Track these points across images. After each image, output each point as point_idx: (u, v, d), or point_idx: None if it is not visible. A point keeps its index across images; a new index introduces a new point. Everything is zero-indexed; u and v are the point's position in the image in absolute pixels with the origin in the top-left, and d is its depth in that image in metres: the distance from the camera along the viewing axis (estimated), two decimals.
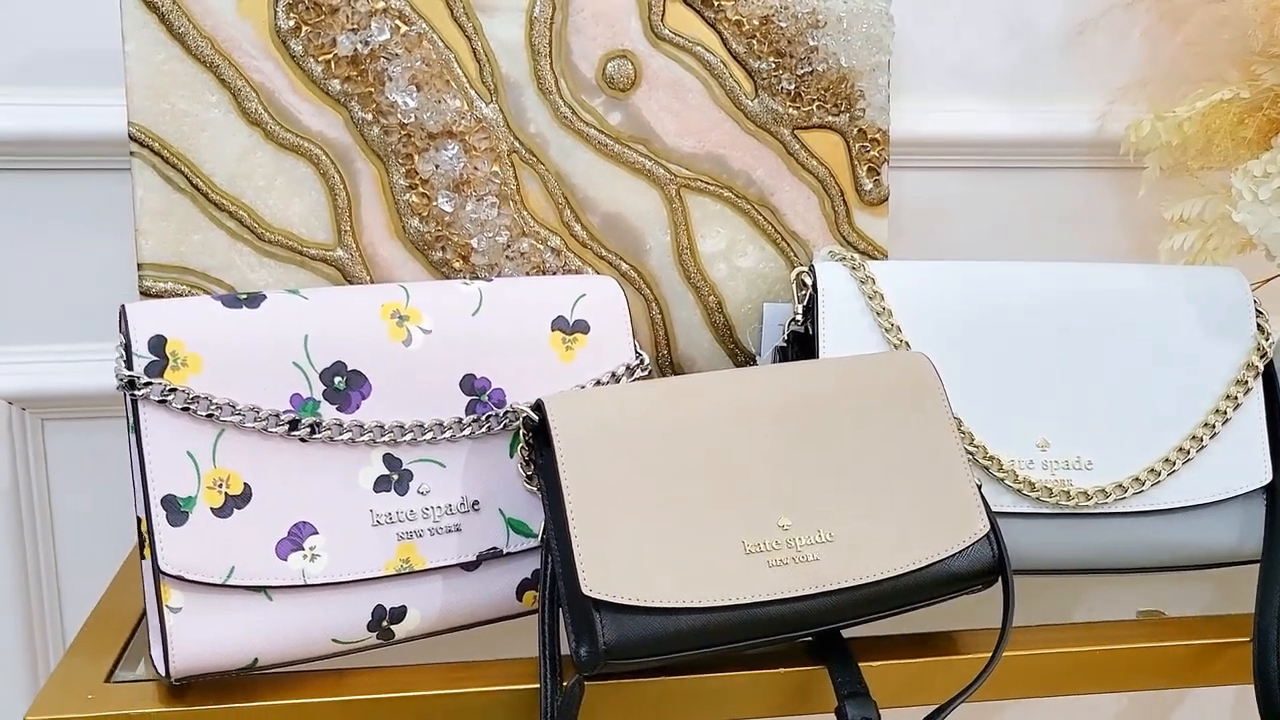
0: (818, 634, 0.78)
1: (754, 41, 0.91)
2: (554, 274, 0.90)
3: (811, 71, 0.92)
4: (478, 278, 0.86)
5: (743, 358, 0.95)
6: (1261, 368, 0.89)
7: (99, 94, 0.86)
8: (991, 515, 0.80)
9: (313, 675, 0.75)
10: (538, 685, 0.73)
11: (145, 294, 0.84)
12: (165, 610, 0.69)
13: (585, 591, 0.71)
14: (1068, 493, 0.85)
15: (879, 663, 0.78)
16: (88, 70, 0.86)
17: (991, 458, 0.86)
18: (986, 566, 0.78)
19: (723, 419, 0.77)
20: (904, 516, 0.77)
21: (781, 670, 0.76)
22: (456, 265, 0.89)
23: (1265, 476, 0.87)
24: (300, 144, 0.85)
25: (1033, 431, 0.87)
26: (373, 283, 0.87)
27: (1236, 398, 0.88)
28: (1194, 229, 0.97)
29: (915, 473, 0.78)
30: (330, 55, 0.84)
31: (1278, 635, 0.80)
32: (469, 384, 0.78)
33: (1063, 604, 0.90)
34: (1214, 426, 0.87)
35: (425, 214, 0.88)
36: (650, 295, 0.93)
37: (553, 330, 0.81)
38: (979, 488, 0.81)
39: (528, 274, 0.90)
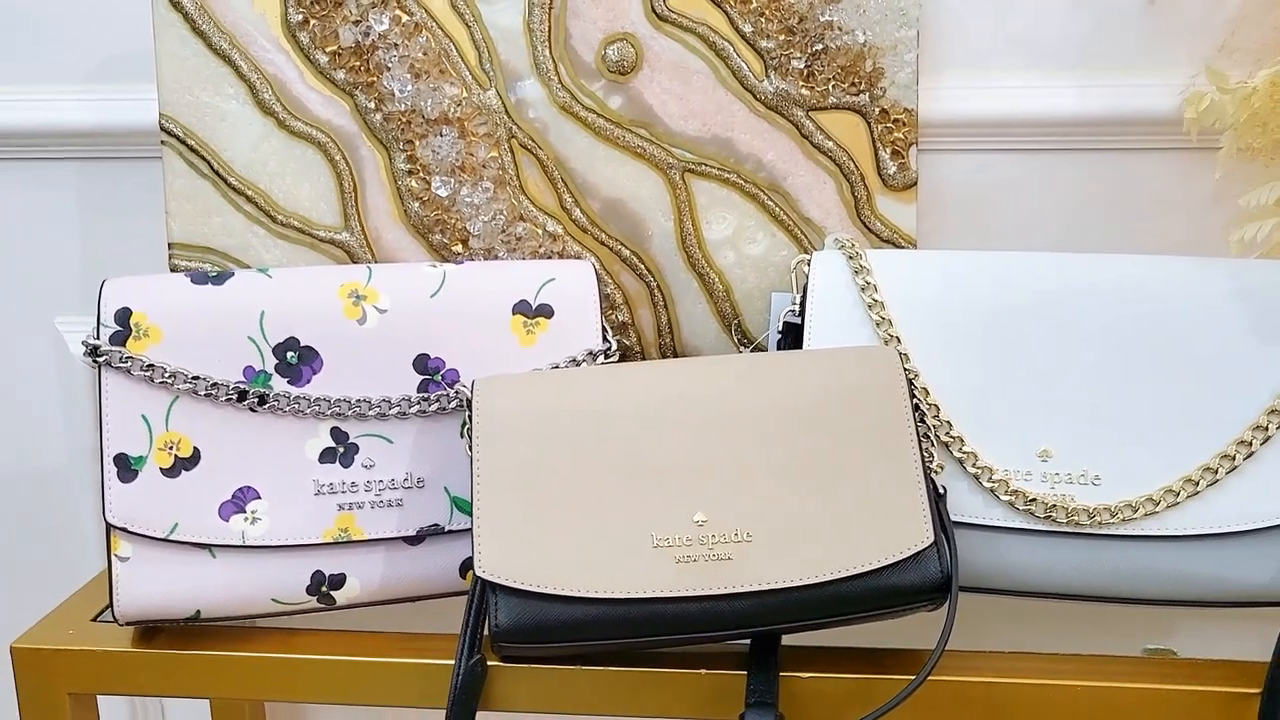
0: (756, 639, 0.75)
1: (762, 19, 0.88)
2: (549, 259, 0.91)
3: (825, 49, 0.88)
4: (435, 262, 0.89)
5: (752, 348, 0.92)
6: None
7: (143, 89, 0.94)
8: (945, 528, 0.73)
9: (265, 631, 0.80)
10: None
11: (175, 271, 0.91)
12: (114, 558, 0.76)
13: (479, 573, 0.71)
14: (1067, 509, 0.77)
15: (812, 675, 0.74)
16: (137, 68, 0.95)
17: (983, 467, 0.78)
18: (931, 584, 0.72)
19: (655, 409, 0.75)
20: (838, 522, 0.72)
21: (701, 672, 0.74)
22: (456, 249, 0.91)
23: None
24: (309, 132, 0.90)
25: (1035, 440, 0.79)
26: (376, 262, 0.91)
27: None
28: (1271, 218, 0.84)
29: (860, 476, 0.73)
30: (335, 46, 0.88)
31: None
32: (422, 363, 0.80)
33: (1063, 631, 0.81)
34: (1251, 444, 0.76)
35: (424, 198, 0.90)
36: (654, 282, 0.91)
37: (514, 314, 0.82)
38: (939, 497, 0.75)
39: (525, 259, 0.91)
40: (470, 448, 0.74)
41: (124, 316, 0.77)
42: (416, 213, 0.91)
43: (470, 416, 0.75)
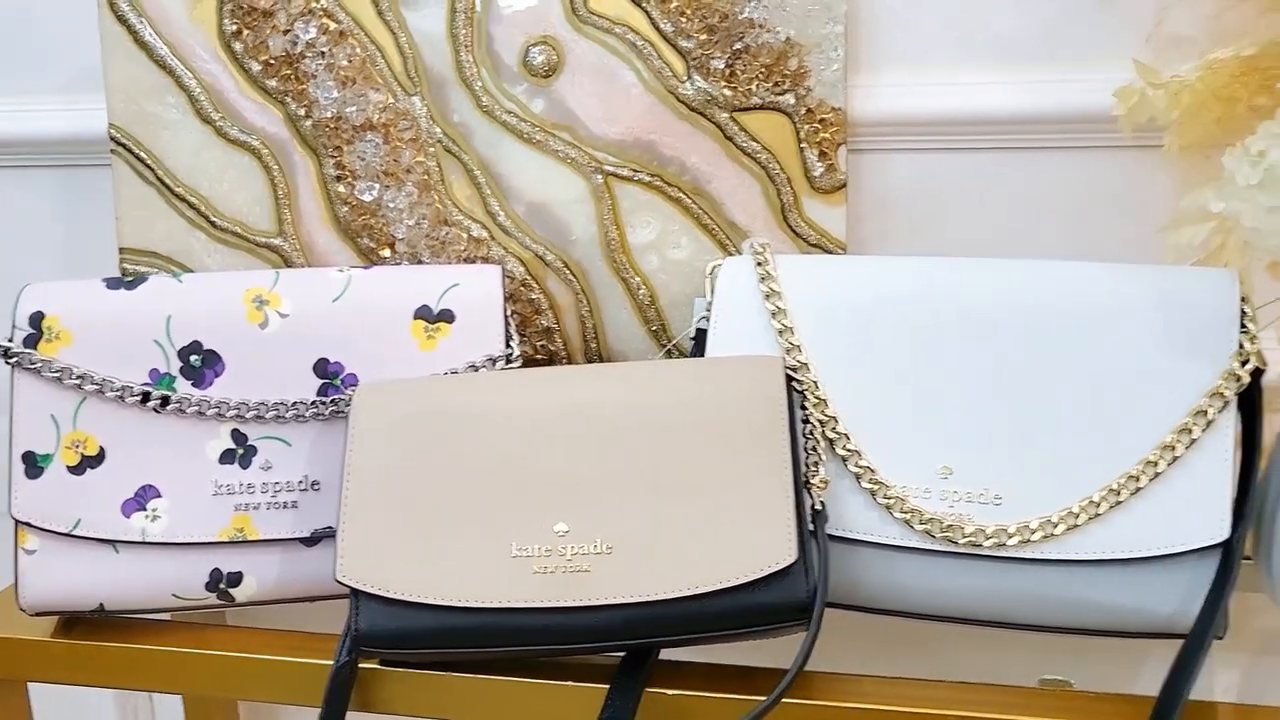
0: (628, 652, 0.73)
1: (683, 18, 0.86)
2: (475, 262, 0.91)
3: (747, 47, 0.85)
4: (366, 266, 0.89)
5: (678, 353, 0.90)
6: (1232, 397, 0.70)
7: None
8: (818, 545, 0.70)
9: (174, 625, 0.83)
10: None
11: (124, 274, 0.95)
12: (20, 551, 0.79)
13: (339, 577, 0.72)
14: (966, 530, 0.73)
15: (678, 692, 0.72)
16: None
17: (879, 482, 0.75)
18: (797, 602, 0.69)
19: (528, 417, 0.74)
20: (701, 536, 0.70)
21: (567, 684, 0.73)
22: (383, 252, 0.92)
23: (1220, 533, 0.69)
24: (245, 139, 0.92)
25: (935, 457, 0.75)
26: (309, 266, 0.93)
27: (1193, 432, 0.70)
28: (1208, 221, 0.78)
29: (729, 489, 0.71)
30: (266, 55, 0.90)
31: None
32: (322, 368, 0.81)
33: (954, 659, 0.77)
34: (1158, 465, 0.71)
35: (352, 203, 0.91)
36: (578, 286, 0.90)
37: (415, 318, 0.82)
38: (816, 513, 0.72)
39: (451, 262, 0.91)
40: (343, 452, 0.75)
41: (37, 319, 0.80)
42: (345, 217, 0.92)
43: (348, 421, 0.76)
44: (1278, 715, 0.69)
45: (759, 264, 0.82)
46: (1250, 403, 0.72)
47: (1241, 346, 0.71)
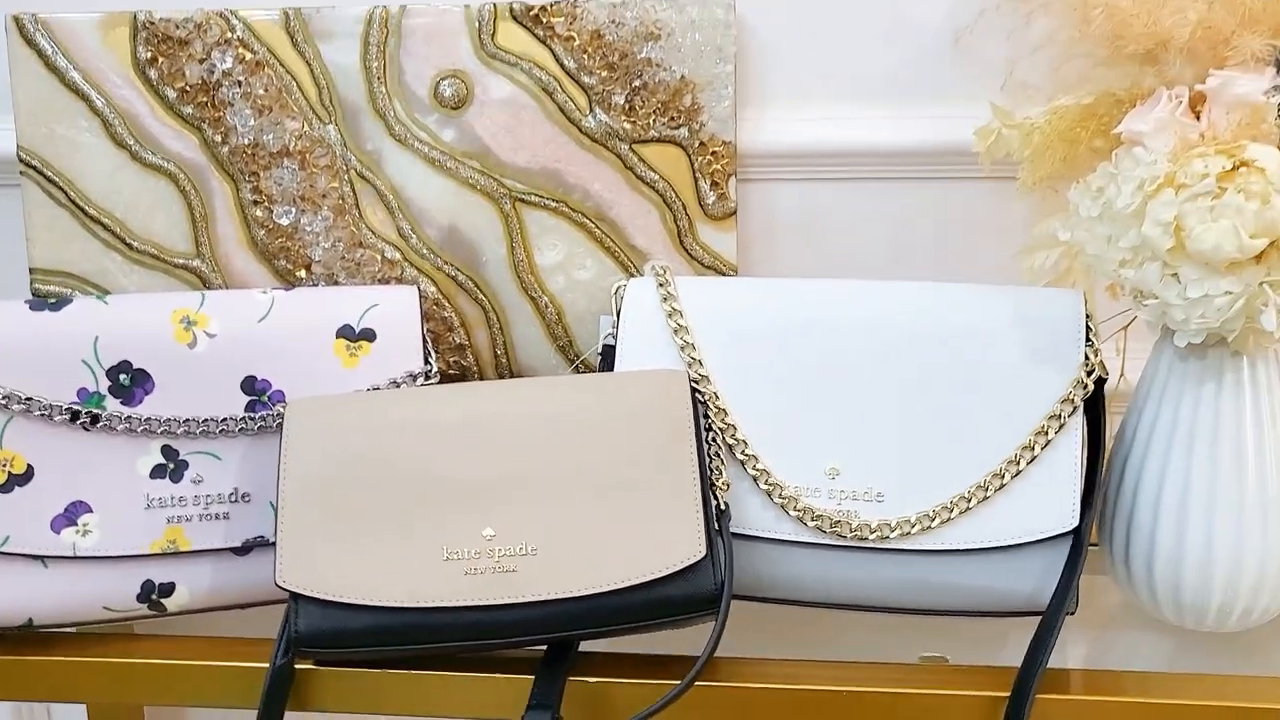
0: (550, 644, 0.80)
1: (585, 55, 0.92)
2: (389, 283, 0.96)
3: (645, 84, 0.92)
4: (286, 287, 0.94)
5: (585, 369, 0.96)
6: (1080, 403, 0.81)
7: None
8: (723, 542, 0.78)
9: (100, 636, 0.85)
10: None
11: (35, 294, 0.96)
12: None
13: (279, 582, 0.76)
14: (852, 525, 0.81)
15: (598, 679, 0.78)
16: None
17: (774, 484, 0.83)
18: (705, 595, 0.77)
19: (454, 429, 0.80)
20: (618, 536, 0.77)
21: (496, 676, 0.79)
22: (300, 274, 0.96)
23: (1070, 521, 0.79)
24: (161, 164, 0.95)
25: (823, 459, 0.83)
26: (227, 288, 0.96)
27: (1048, 433, 0.81)
28: (1057, 247, 0.88)
29: (642, 492, 0.78)
30: (183, 83, 0.93)
31: (1031, 692, 0.74)
32: (249, 385, 0.85)
33: (846, 641, 0.85)
34: (1019, 464, 0.81)
35: (269, 226, 0.95)
36: (488, 305, 0.96)
37: (337, 337, 0.87)
38: (720, 512, 0.80)
39: (366, 283, 0.96)
40: (278, 464, 0.79)
41: None
42: (262, 240, 0.96)
43: (281, 434, 0.80)
44: (1117, 678, 0.79)
45: (661, 285, 0.89)
46: (1094, 407, 0.82)
47: (1087, 359, 0.81)
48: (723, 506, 0.80)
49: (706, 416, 0.82)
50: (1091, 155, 0.84)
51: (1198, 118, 0.77)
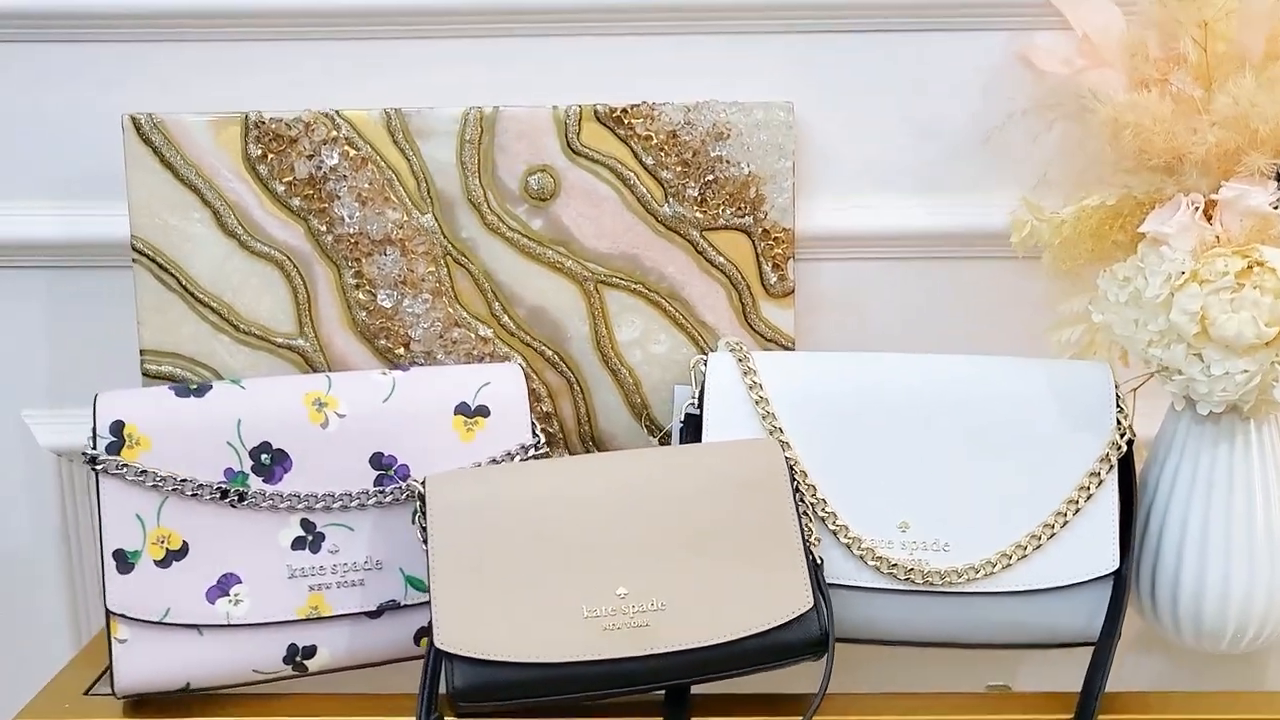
0: (670, 690, 0.89)
1: (662, 153, 1.03)
2: (482, 359, 1.04)
3: (715, 179, 1.03)
4: (400, 366, 1.02)
5: (656, 431, 1.07)
6: (1115, 461, 0.94)
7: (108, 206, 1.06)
8: (822, 593, 0.89)
9: (243, 697, 0.92)
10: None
11: (146, 374, 1.03)
12: (113, 640, 0.87)
13: (438, 644, 0.85)
14: (924, 572, 0.93)
15: (718, 718, 0.89)
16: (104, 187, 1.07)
17: (853, 537, 0.94)
18: (813, 639, 0.88)
19: (579, 499, 0.89)
20: (733, 590, 0.87)
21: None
22: (399, 351, 1.04)
23: (1112, 564, 0.93)
24: (268, 251, 1.02)
25: (895, 514, 0.95)
26: (329, 366, 1.04)
27: (1089, 489, 0.94)
28: (1081, 323, 1.02)
29: (749, 550, 0.89)
30: (290, 177, 1.01)
31: (1093, 713, 0.86)
32: (377, 460, 0.93)
33: (921, 675, 0.97)
34: (1066, 515, 0.94)
35: (370, 309, 1.03)
36: (572, 377, 1.06)
37: (455, 414, 0.95)
38: (816, 566, 0.91)
39: (460, 359, 1.04)
40: (425, 538, 0.87)
41: (118, 428, 0.89)
42: (363, 321, 1.03)
43: (424, 510, 0.88)
44: (1166, 698, 0.92)
45: (739, 360, 0.99)
46: (1125, 464, 0.95)
47: (1119, 422, 0.95)
48: (818, 561, 0.91)
49: (792, 479, 0.93)
50: (1115, 248, 0.98)
51: (1209, 221, 0.92)
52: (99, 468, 0.88)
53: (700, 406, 0.99)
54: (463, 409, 0.95)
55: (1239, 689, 1.00)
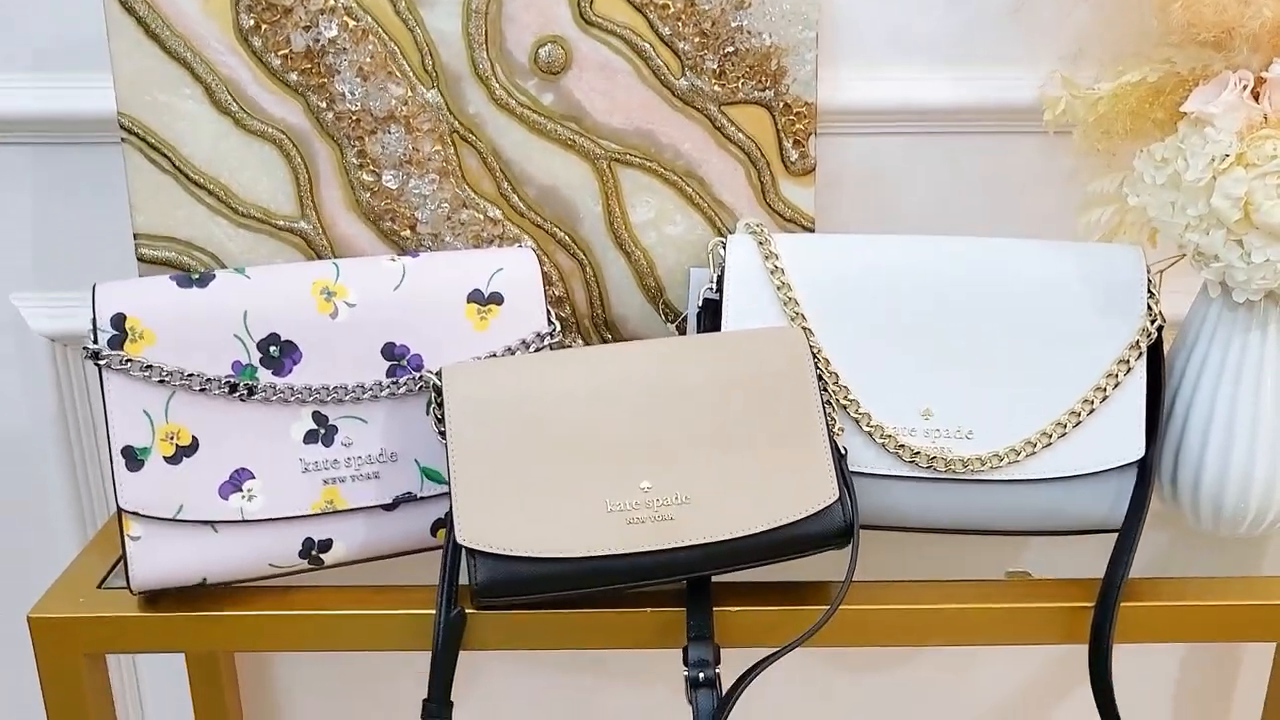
0: (691, 581, 0.89)
1: (679, 23, 0.97)
2: (491, 241, 1.01)
3: (735, 50, 0.98)
4: (408, 251, 0.98)
5: (672, 315, 1.04)
6: (1144, 349, 0.92)
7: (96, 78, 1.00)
8: (847, 483, 0.88)
9: (259, 590, 0.91)
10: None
11: (141, 259, 0.98)
12: (126, 538, 0.86)
13: (459, 540, 0.83)
14: (946, 460, 0.92)
15: (741, 608, 0.88)
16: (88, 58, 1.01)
17: (875, 425, 0.93)
18: (837, 530, 0.87)
19: (600, 391, 0.87)
20: (758, 482, 0.86)
21: (648, 610, 0.88)
22: (405, 234, 1.00)
23: (1137, 453, 0.92)
24: (265, 130, 0.97)
25: (918, 401, 0.93)
26: (332, 249, 1.00)
27: (1117, 376, 0.92)
28: (1111, 204, 0.99)
29: (774, 442, 0.87)
30: (286, 50, 0.95)
31: (1116, 602, 0.87)
32: (389, 350, 0.90)
33: (939, 560, 0.97)
34: (1093, 403, 0.92)
35: (375, 189, 0.99)
36: (585, 260, 1.02)
37: (468, 302, 0.92)
38: (841, 457, 0.89)
39: (469, 241, 1.01)
40: (443, 432, 0.85)
41: (119, 321, 0.85)
42: (368, 202, 0.99)
43: (440, 402, 0.86)
44: (1181, 584, 0.92)
45: (761, 244, 0.96)
46: (1154, 350, 0.94)
47: (1150, 309, 0.93)
48: (842, 451, 0.90)
49: (816, 367, 0.91)
50: (1152, 126, 0.94)
51: (1257, 100, 0.88)
52: (102, 363, 0.85)
53: (719, 291, 0.96)
54: (475, 296, 0.92)
55: (1236, 569, 1.00)
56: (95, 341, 0.85)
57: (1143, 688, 1.30)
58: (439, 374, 0.87)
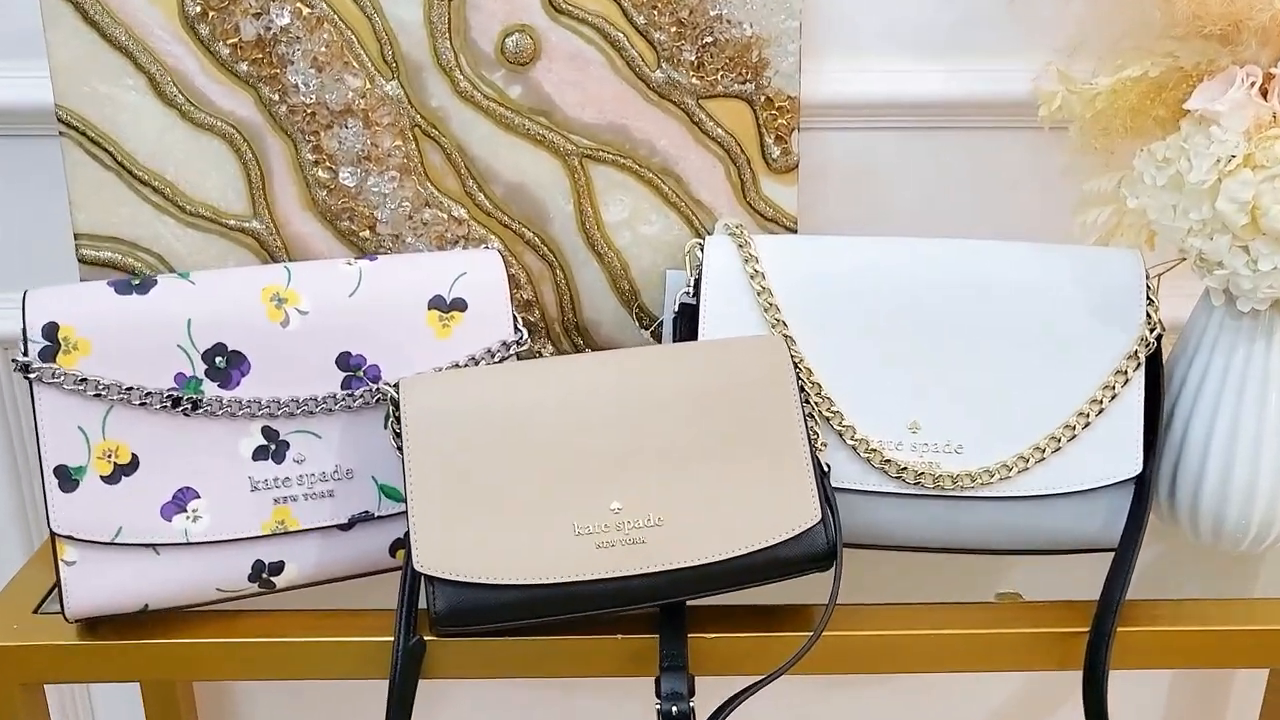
0: (665, 606, 0.84)
1: (655, 11, 0.92)
2: (456, 242, 0.95)
3: (714, 41, 0.92)
4: (367, 253, 0.93)
5: (647, 320, 0.99)
6: (1143, 359, 0.88)
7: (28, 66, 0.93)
8: (830, 503, 0.83)
9: (206, 615, 0.85)
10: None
11: (83, 260, 0.92)
12: (60, 563, 0.80)
13: (416, 567, 0.78)
14: (935, 476, 0.87)
15: (717, 635, 0.83)
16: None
17: (860, 439, 0.88)
18: (819, 553, 0.82)
19: (569, 404, 0.82)
20: (735, 502, 0.81)
21: (619, 637, 0.83)
22: (364, 235, 0.94)
23: (1134, 469, 0.87)
24: (214, 123, 0.91)
25: (905, 413, 0.89)
26: (287, 249, 0.94)
27: (1114, 388, 0.87)
28: (1109, 205, 0.94)
29: (752, 459, 0.82)
30: (236, 39, 0.89)
31: (1112, 627, 0.82)
32: (344, 361, 0.85)
33: (926, 582, 0.92)
34: (1089, 416, 0.87)
35: (331, 187, 0.93)
36: (555, 261, 0.97)
37: (429, 309, 0.87)
38: (824, 474, 0.84)
39: (431, 242, 0.95)
40: (400, 448, 0.80)
41: (51, 331, 0.79)
42: (324, 201, 0.93)
43: (398, 416, 0.81)
44: (1177, 606, 0.88)
45: (740, 245, 0.91)
46: (1153, 360, 0.89)
47: (1149, 316, 0.88)
48: (825, 468, 0.85)
49: (797, 377, 0.86)
50: (1153, 124, 0.89)
51: (1265, 98, 0.83)
52: (33, 376, 0.79)
53: (696, 296, 0.91)
54: (437, 303, 0.87)
55: (1228, 583, 0.96)
56: (25, 353, 0.79)
57: (1132, 707, 1.26)
58: (397, 386, 0.81)
